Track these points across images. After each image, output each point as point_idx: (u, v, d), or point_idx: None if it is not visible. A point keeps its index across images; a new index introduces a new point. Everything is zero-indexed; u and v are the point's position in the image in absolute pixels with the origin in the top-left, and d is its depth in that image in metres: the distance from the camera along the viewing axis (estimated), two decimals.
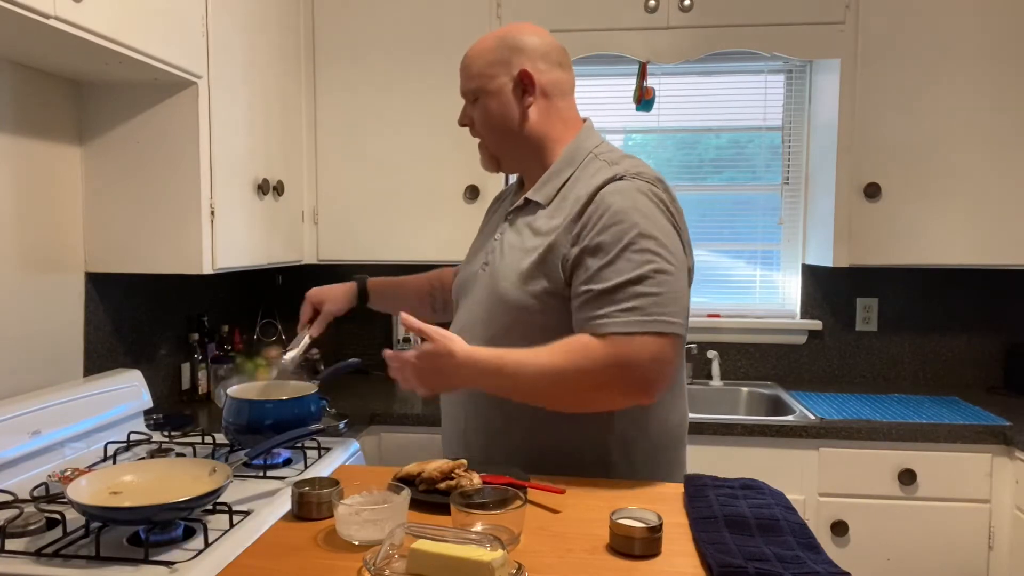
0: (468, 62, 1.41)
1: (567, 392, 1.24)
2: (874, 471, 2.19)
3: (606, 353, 1.19)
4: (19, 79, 1.73)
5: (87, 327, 1.98)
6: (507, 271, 1.34)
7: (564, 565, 1.01)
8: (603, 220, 1.25)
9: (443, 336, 1.24)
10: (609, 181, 1.29)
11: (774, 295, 2.92)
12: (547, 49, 1.39)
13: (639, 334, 1.19)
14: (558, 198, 1.35)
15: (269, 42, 2.28)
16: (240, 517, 1.29)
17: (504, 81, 1.38)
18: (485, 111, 1.40)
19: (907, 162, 2.42)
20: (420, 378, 1.27)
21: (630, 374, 1.20)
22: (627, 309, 1.20)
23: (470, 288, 1.45)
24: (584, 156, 1.38)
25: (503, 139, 1.41)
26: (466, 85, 1.41)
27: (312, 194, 2.59)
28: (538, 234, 1.33)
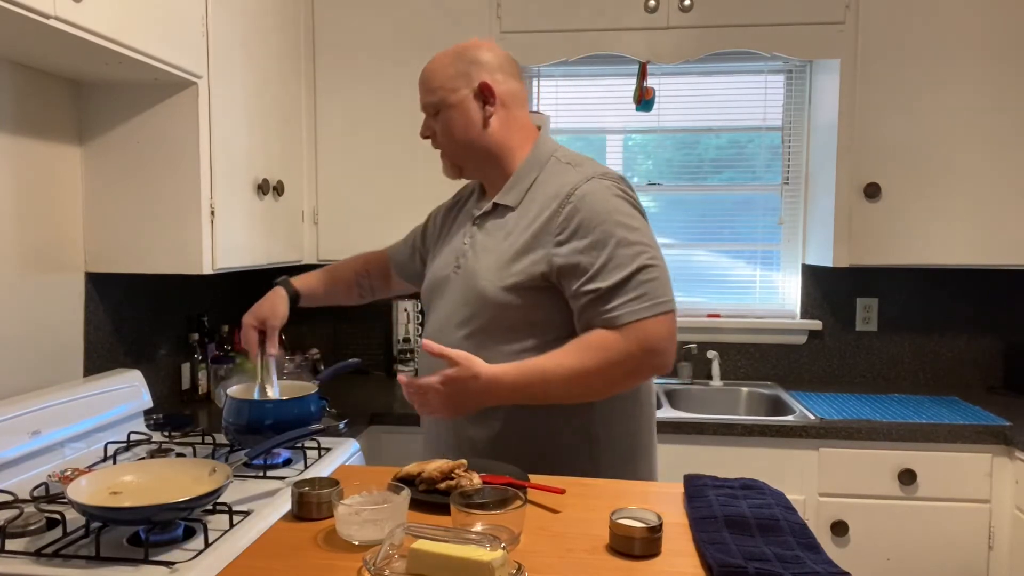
0: (427, 77, 1.46)
1: (597, 387, 1.33)
2: (874, 471, 2.19)
3: (628, 342, 1.28)
4: (19, 79, 1.73)
5: (87, 327, 1.98)
6: (485, 271, 1.40)
7: (564, 565, 1.01)
8: (587, 220, 1.33)
9: (467, 359, 1.29)
10: (581, 182, 1.37)
11: (774, 295, 2.92)
12: (502, 62, 1.47)
13: (650, 318, 1.29)
14: (526, 199, 1.43)
15: (269, 42, 2.28)
16: (240, 517, 1.29)
17: (465, 93, 1.44)
18: (448, 123, 1.45)
19: (907, 162, 2.42)
20: (445, 403, 1.31)
21: (653, 355, 1.30)
22: (636, 298, 1.29)
23: (442, 291, 1.50)
24: (546, 160, 1.46)
25: (466, 148, 1.47)
26: (427, 99, 1.47)
27: (312, 194, 2.59)
28: (513, 234, 1.40)
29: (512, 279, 1.36)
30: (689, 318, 2.84)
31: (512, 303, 1.36)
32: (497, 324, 1.37)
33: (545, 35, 2.50)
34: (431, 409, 1.33)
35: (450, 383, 1.29)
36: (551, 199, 1.38)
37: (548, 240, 1.35)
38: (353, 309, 2.93)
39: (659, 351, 1.30)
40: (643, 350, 1.29)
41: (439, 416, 1.35)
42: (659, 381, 2.76)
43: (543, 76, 2.92)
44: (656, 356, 1.30)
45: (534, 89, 2.93)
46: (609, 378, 1.31)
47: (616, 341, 1.29)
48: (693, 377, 2.79)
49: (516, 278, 1.35)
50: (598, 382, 1.31)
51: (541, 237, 1.36)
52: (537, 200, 1.40)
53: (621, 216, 1.35)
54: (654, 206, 2.97)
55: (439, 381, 1.29)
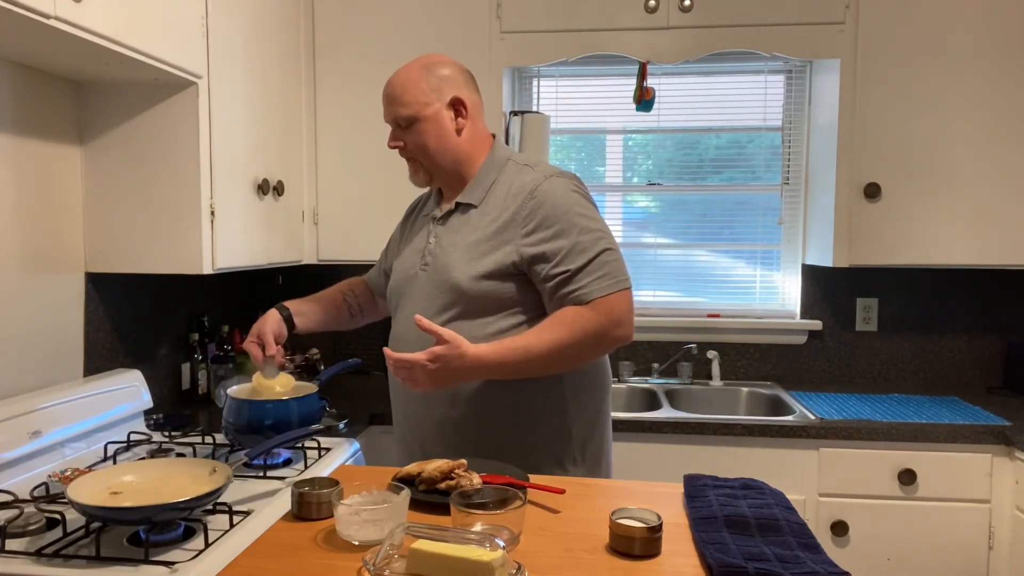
0: (398, 92, 1.55)
1: (572, 358, 1.46)
2: (874, 471, 2.19)
3: (598, 315, 1.43)
4: (19, 79, 1.73)
5: (87, 327, 1.98)
6: (456, 263, 1.51)
7: (564, 565, 1.01)
8: (550, 213, 1.47)
9: (454, 337, 1.37)
10: (541, 180, 1.51)
11: (774, 295, 2.92)
12: (465, 76, 1.59)
13: (614, 293, 1.45)
14: (488, 197, 1.55)
15: (269, 42, 2.28)
16: (240, 517, 1.29)
17: (438, 107, 1.55)
18: (422, 135, 1.55)
19: (907, 162, 2.42)
20: (431, 378, 1.39)
21: (618, 326, 1.45)
22: (600, 277, 1.45)
23: (409, 288, 1.60)
24: (503, 162, 1.59)
25: (439, 157, 1.57)
26: (399, 112, 1.55)
27: (312, 194, 2.59)
28: (479, 228, 1.52)
29: (484, 268, 1.48)
30: (689, 318, 2.85)
31: (484, 290, 1.48)
32: (474, 309, 1.49)
33: (545, 35, 2.50)
34: (416, 383, 1.41)
35: (437, 359, 1.37)
36: (514, 196, 1.51)
37: (515, 232, 1.48)
38: None
39: (623, 322, 1.46)
40: (610, 322, 1.44)
41: (421, 391, 1.42)
42: (659, 381, 2.76)
43: (543, 76, 2.92)
44: (620, 327, 1.46)
45: (534, 89, 2.93)
46: (582, 348, 1.45)
47: (587, 315, 1.43)
48: (693, 377, 2.79)
49: (487, 267, 1.48)
50: (573, 353, 1.45)
51: (508, 230, 1.49)
52: (499, 197, 1.53)
53: (580, 208, 1.49)
54: (654, 206, 2.97)
55: (427, 358, 1.37)
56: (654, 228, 2.96)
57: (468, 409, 1.51)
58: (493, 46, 2.50)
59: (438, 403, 1.53)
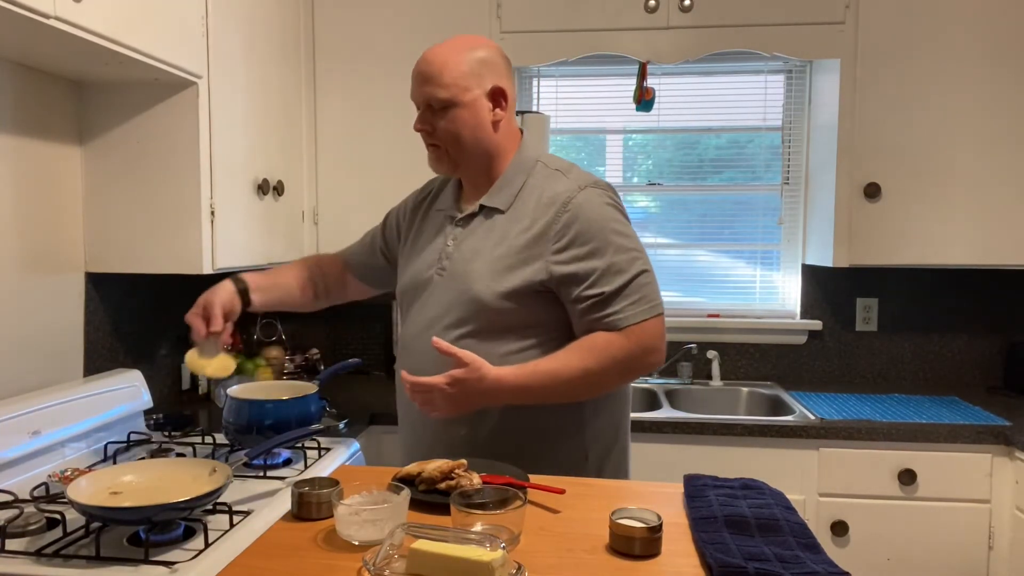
0: (436, 71, 1.40)
1: (599, 386, 1.40)
2: (874, 471, 2.19)
3: (629, 343, 1.35)
4: (19, 79, 1.73)
5: (87, 327, 1.97)
6: (479, 275, 1.40)
7: (564, 565, 1.01)
8: (584, 229, 1.37)
9: (474, 360, 1.30)
10: (575, 191, 1.40)
11: (774, 295, 2.92)
12: (507, 65, 1.48)
13: (648, 320, 1.36)
14: (516, 203, 1.44)
15: (269, 42, 2.28)
16: (240, 517, 1.29)
17: (478, 94, 1.42)
18: (457, 122, 1.41)
19: (907, 162, 2.42)
20: (450, 403, 1.32)
21: (650, 354, 1.38)
22: (635, 302, 1.36)
23: (423, 292, 1.49)
24: (532, 164, 1.47)
25: (471, 148, 1.44)
26: (435, 93, 1.40)
27: (312, 194, 2.59)
28: (506, 238, 1.41)
29: (510, 285, 1.37)
30: (689, 318, 2.85)
31: (507, 308, 1.38)
32: (491, 327, 1.39)
33: (545, 35, 2.50)
34: (433, 408, 1.33)
35: (457, 384, 1.30)
36: (546, 206, 1.40)
37: (545, 248, 1.38)
38: (352, 309, 2.92)
39: (656, 349, 1.39)
40: (643, 349, 1.36)
41: (438, 415, 1.35)
42: (659, 381, 2.76)
43: (543, 76, 2.92)
44: (653, 354, 1.38)
45: (534, 89, 2.93)
46: (611, 377, 1.38)
47: (619, 342, 1.35)
48: (693, 377, 2.79)
49: (514, 285, 1.37)
50: (601, 381, 1.38)
51: (538, 244, 1.38)
52: (529, 205, 1.42)
53: (616, 224, 1.40)
54: (654, 206, 2.97)
55: (446, 381, 1.29)
56: (654, 228, 2.96)
57: (482, 430, 1.42)
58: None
59: (451, 423, 1.42)
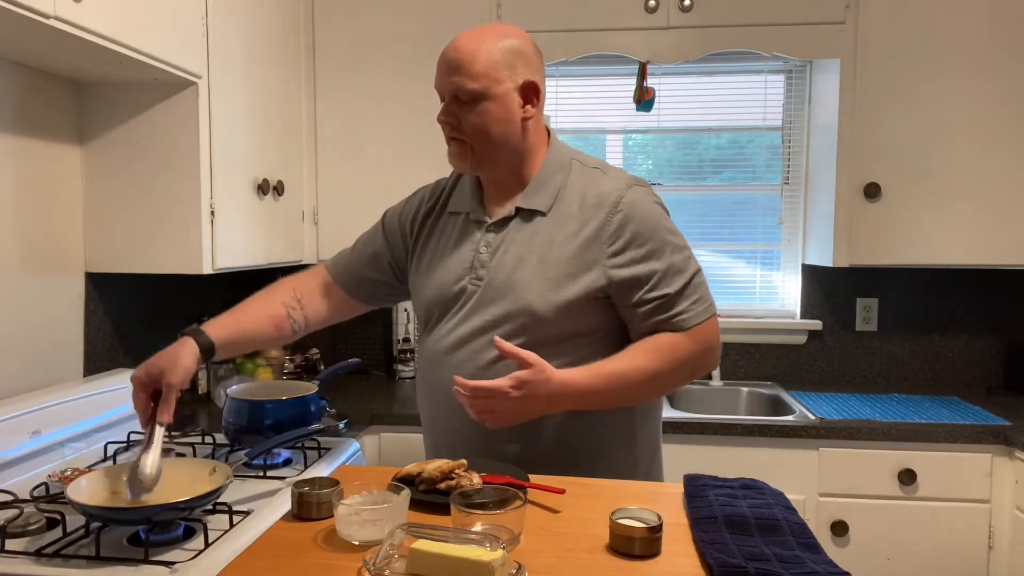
0: (467, 60, 1.30)
1: (664, 388, 1.38)
2: (874, 471, 2.19)
3: (695, 343, 1.34)
4: (19, 79, 1.73)
5: (87, 327, 1.97)
6: (530, 284, 1.32)
7: (564, 565, 1.01)
8: (640, 230, 1.33)
9: (539, 360, 1.23)
10: (624, 190, 1.35)
11: (774, 295, 2.92)
12: (540, 59, 1.39)
13: (708, 319, 1.35)
14: (559, 205, 1.37)
15: (269, 42, 2.28)
16: (240, 517, 1.29)
17: (509, 88, 1.32)
18: (486, 115, 1.32)
19: (907, 162, 2.42)
20: (514, 408, 1.23)
21: (711, 353, 1.38)
22: (697, 300, 1.35)
23: (452, 305, 1.39)
24: (567, 162, 1.41)
25: (497, 145, 1.35)
26: (464, 84, 1.31)
27: (312, 194, 2.59)
28: (555, 243, 1.34)
29: (568, 296, 1.31)
30: None
31: (564, 318, 1.32)
32: (544, 338, 1.31)
33: (545, 35, 2.49)
34: (496, 416, 1.23)
35: (522, 385, 1.22)
36: (593, 207, 1.34)
37: (600, 251, 1.32)
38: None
39: (717, 347, 1.39)
40: (706, 349, 1.36)
41: (498, 424, 1.25)
42: None
43: None
44: (714, 353, 1.39)
45: None
46: (677, 378, 1.37)
47: (684, 343, 1.33)
48: None
49: (573, 295, 1.31)
50: (668, 382, 1.36)
51: (592, 249, 1.32)
52: (573, 207, 1.35)
53: (666, 223, 1.38)
54: None
55: (511, 384, 1.21)
56: None
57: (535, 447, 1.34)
58: None
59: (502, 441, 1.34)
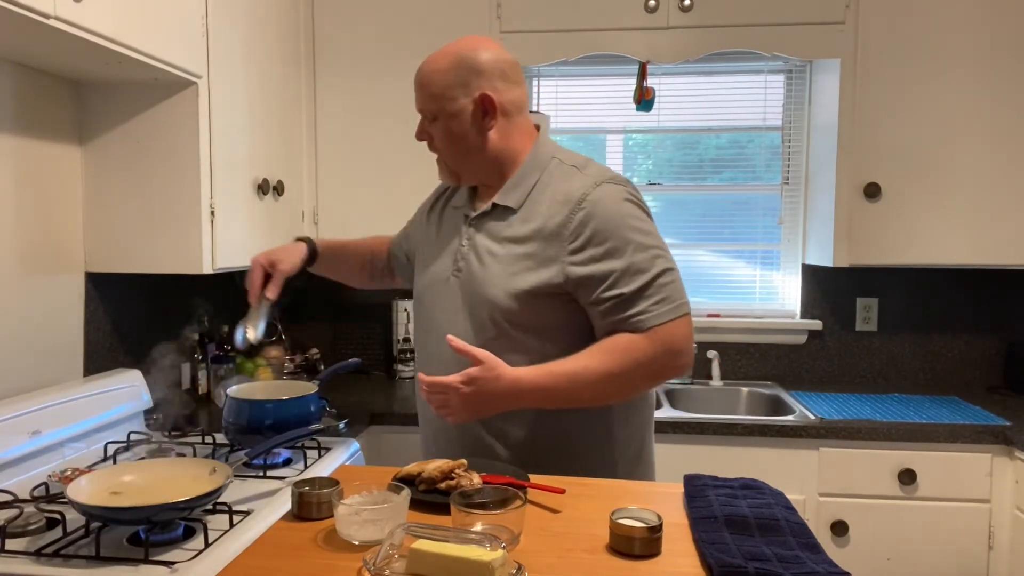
0: (425, 81, 1.39)
1: (622, 390, 1.34)
2: (874, 471, 2.19)
3: (654, 344, 1.29)
4: (19, 79, 1.73)
5: (87, 327, 1.97)
6: (493, 277, 1.36)
7: (564, 565, 1.01)
8: (601, 227, 1.32)
9: (489, 358, 1.26)
10: (591, 188, 1.35)
11: (774, 295, 2.92)
12: (504, 68, 1.40)
13: (672, 320, 1.31)
14: (529, 201, 1.39)
15: (269, 42, 2.28)
16: (240, 517, 1.29)
17: (465, 103, 1.38)
18: (446, 132, 1.40)
19: (907, 162, 2.42)
20: (466, 403, 1.27)
21: (677, 356, 1.32)
22: (659, 301, 1.30)
23: (439, 294, 1.45)
24: (547, 161, 1.42)
25: (464, 157, 1.42)
26: (425, 104, 1.41)
27: (312, 194, 2.59)
28: (519, 238, 1.37)
29: (524, 287, 1.33)
30: None
31: (523, 310, 1.34)
32: (507, 331, 1.35)
33: (545, 35, 2.50)
34: (450, 410, 1.28)
35: (472, 382, 1.25)
36: (560, 204, 1.35)
37: (561, 248, 1.33)
38: (353, 309, 2.93)
39: (683, 351, 1.32)
40: (668, 352, 1.30)
41: (456, 419, 1.30)
42: None
43: (543, 76, 2.92)
44: (679, 357, 1.32)
45: (534, 89, 2.93)
46: (634, 380, 1.33)
47: (642, 344, 1.29)
48: (693, 377, 2.79)
49: (529, 286, 1.33)
50: (624, 385, 1.32)
51: (552, 245, 1.33)
52: (543, 203, 1.37)
53: (634, 221, 1.34)
54: (654, 206, 2.97)
55: (461, 380, 1.25)
56: None
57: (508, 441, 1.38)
58: None
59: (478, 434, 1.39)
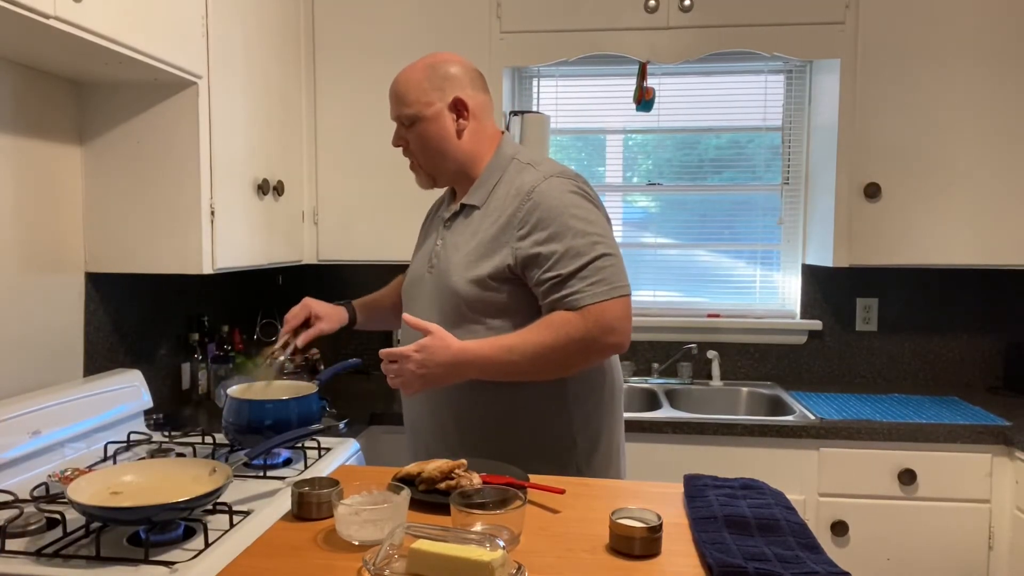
0: (402, 90, 1.54)
1: (559, 363, 1.42)
2: (874, 471, 2.19)
3: (587, 321, 1.38)
4: (19, 79, 1.73)
5: (87, 327, 1.97)
6: (455, 267, 1.50)
7: (564, 565, 1.01)
8: (545, 215, 1.44)
9: (439, 330, 1.40)
10: (540, 180, 1.47)
11: (774, 295, 2.92)
12: (471, 76, 1.56)
13: (607, 300, 1.39)
14: (491, 199, 1.53)
15: (269, 42, 2.28)
16: (240, 517, 1.29)
17: (440, 107, 1.53)
18: (423, 135, 1.53)
19: (907, 162, 2.42)
20: (418, 369, 1.39)
21: (609, 335, 1.40)
22: (594, 283, 1.40)
23: (418, 289, 1.60)
24: (507, 162, 1.56)
25: (439, 159, 1.56)
26: (401, 111, 1.54)
27: (312, 194, 2.59)
28: (479, 231, 1.50)
29: (480, 272, 1.46)
30: (689, 318, 2.85)
31: (479, 294, 1.46)
32: (469, 315, 1.47)
33: (545, 35, 2.50)
34: (405, 379, 1.40)
35: (423, 349, 1.38)
36: (513, 197, 1.48)
37: (511, 235, 1.45)
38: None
39: (616, 330, 1.40)
40: (601, 329, 1.39)
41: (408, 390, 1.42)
42: (659, 381, 2.76)
43: (543, 76, 2.92)
44: (612, 335, 1.40)
45: (534, 89, 2.93)
46: (570, 354, 1.40)
47: (576, 320, 1.38)
48: (693, 377, 2.79)
49: (484, 271, 1.45)
50: (559, 357, 1.40)
51: (505, 232, 1.46)
52: (499, 198, 1.51)
53: (576, 210, 1.45)
54: (654, 206, 2.97)
55: (414, 348, 1.39)
56: (654, 228, 2.96)
57: (468, 411, 1.50)
58: (493, 46, 2.50)
59: (440, 405, 1.52)
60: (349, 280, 2.96)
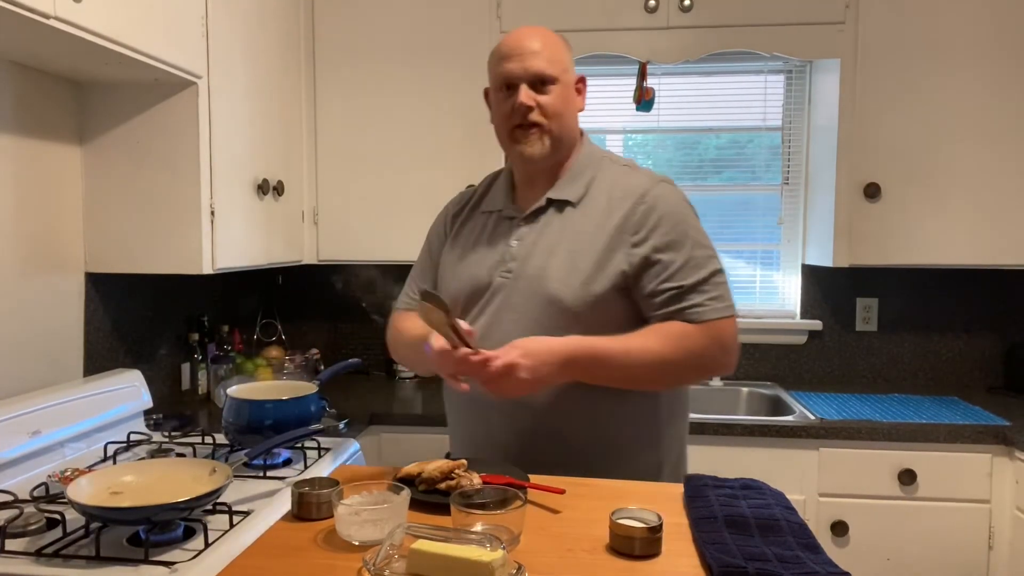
0: (539, 47, 1.40)
1: (671, 376, 1.36)
2: (874, 471, 2.19)
3: (707, 337, 1.33)
4: (19, 79, 1.73)
5: (87, 327, 1.97)
6: (557, 273, 1.36)
7: (564, 565, 1.01)
8: (663, 220, 1.36)
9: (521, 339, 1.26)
10: (652, 185, 1.40)
11: (774, 295, 2.92)
12: None
13: (726, 318, 1.35)
14: (587, 197, 1.42)
15: (269, 42, 2.28)
16: (240, 517, 1.29)
17: (572, 77, 1.45)
18: (561, 97, 1.40)
19: (907, 162, 2.42)
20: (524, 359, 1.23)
21: (726, 354, 1.37)
22: (715, 298, 1.35)
23: (480, 298, 1.42)
24: (599, 159, 1.47)
25: (566, 128, 1.43)
26: (546, 69, 1.39)
27: (312, 194, 2.59)
28: (582, 233, 1.38)
29: (592, 282, 1.34)
30: None
31: (588, 308, 1.34)
32: (571, 322, 1.33)
33: None
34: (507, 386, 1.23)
35: (530, 356, 1.23)
36: (620, 199, 1.38)
37: (625, 240, 1.36)
38: (353, 309, 2.93)
39: (731, 350, 1.37)
40: (719, 347, 1.35)
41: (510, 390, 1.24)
42: None
43: None
44: (727, 354, 1.37)
45: None
46: (685, 369, 1.35)
47: (697, 334, 1.32)
48: None
49: (601, 288, 1.34)
50: (674, 371, 1.34)
51: (618, 238, 1.36)
52: (601, 200, 1.40)
53: (693, 220, 1.41)
54: None
55: (520, 354, 1.22)
56: None
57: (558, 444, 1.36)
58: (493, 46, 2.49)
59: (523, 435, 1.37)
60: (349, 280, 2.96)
